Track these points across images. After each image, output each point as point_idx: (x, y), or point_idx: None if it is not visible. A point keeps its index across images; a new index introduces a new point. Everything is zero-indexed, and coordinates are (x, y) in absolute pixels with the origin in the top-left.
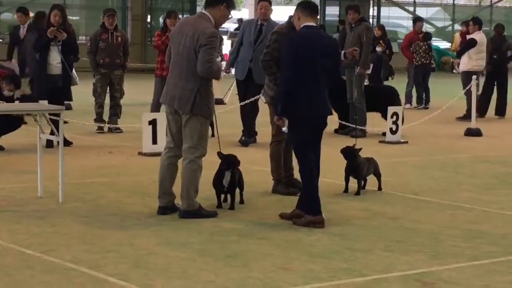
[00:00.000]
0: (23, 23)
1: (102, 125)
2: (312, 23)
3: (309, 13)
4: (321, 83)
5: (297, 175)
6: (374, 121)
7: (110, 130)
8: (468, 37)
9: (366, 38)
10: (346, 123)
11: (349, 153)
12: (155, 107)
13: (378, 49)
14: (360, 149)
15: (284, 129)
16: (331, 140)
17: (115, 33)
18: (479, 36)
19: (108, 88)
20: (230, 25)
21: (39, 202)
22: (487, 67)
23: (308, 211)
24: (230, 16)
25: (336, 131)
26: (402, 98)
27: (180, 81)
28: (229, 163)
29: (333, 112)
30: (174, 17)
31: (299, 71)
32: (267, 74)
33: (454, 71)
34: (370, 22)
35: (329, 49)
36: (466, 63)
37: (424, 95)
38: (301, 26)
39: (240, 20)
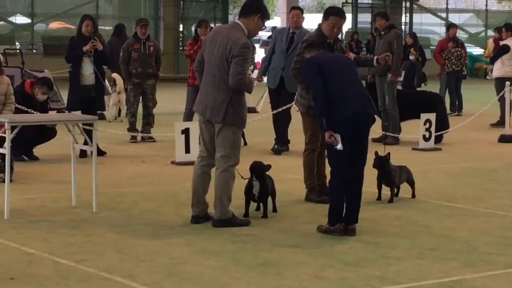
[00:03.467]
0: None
1: (135, 134)
2: None
3: None
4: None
5: None
6: (409, 129)
7: (143, 139)
8: (501, 43)
9: (397, 45)
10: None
11: (379, 162)
12: (188, 116)
13: (411, 57)
14: (388, 154)
15: (339, 146)
16: None
17: (147, 43)
18: (511, 43)
19: (141, 98)
20: (263, 33)
21: (73, 211)
22: None
23: (328, 219)
24: (264, 27)
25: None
26: None
27: (212, 90)
28: (256, 173)
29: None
30: (205, 26)
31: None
32: (298, 81)
33: (487, 77)
34: (402, 29)
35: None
36: (499, 69)
37: (457, 102)
38: None
39: (274, 28)
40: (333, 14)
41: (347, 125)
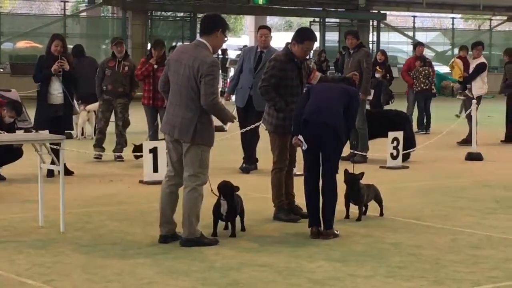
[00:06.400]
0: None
1: (99, 153)
2: None
3: None
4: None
5: (298, 201)
6: (377, 147)
7: (115, 158)
8: (477, 61)
9: (366, 64)
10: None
11: (350, 179)
12: (153, 135)
13: (377, 75)
14: (362, 173)
15: (303, 146)
16: None
17: (123, 62)
18: (485, 60)
19: (112, 116)
20: (232, 52)
21: (40, 231)
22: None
23: None
24: (226, 39)
25: None
26: None
27: (180, 110)
28: (224, 192)
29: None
30: (160, 48)
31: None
32: (266, 99)
33: (459, 96)
34: (369, 47)
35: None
36: (480, 87)
37: (424, 121)
38: None
39: (244, 47)
40: (308, 39)
41: (303, 130)
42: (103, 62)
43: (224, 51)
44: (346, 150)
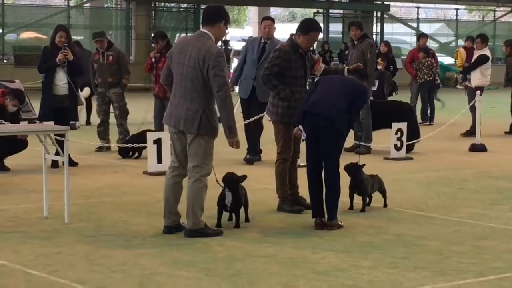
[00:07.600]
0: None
1: (101, 145)
2: None
3: None
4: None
5: (302, 192)
6: (380, 138)
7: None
8: (478, 53)
9: (370, 55)
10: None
11: (353, 170)
12: (158, 125)
13: (379, 66)
14: (364, 165)
15: (303, 136)
16: None
17: (106, 53)
18: (487, 52)
19: (110, 108)
20: (236, 43)
21: (45, 222)
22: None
23: None
24: (227, 32)
25: None
26: None
27: (185, 102)
28: (228, 183)
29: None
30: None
31: None
32: (269, 87)
33: (458, 86)
34: (373, 39)
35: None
36: (479, 79)
37: (428, 112)
38: None
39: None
40: (314, 30)
41: (302, 120)
42: (91, 57)
43: (226, 43)
44: (350, 141)
